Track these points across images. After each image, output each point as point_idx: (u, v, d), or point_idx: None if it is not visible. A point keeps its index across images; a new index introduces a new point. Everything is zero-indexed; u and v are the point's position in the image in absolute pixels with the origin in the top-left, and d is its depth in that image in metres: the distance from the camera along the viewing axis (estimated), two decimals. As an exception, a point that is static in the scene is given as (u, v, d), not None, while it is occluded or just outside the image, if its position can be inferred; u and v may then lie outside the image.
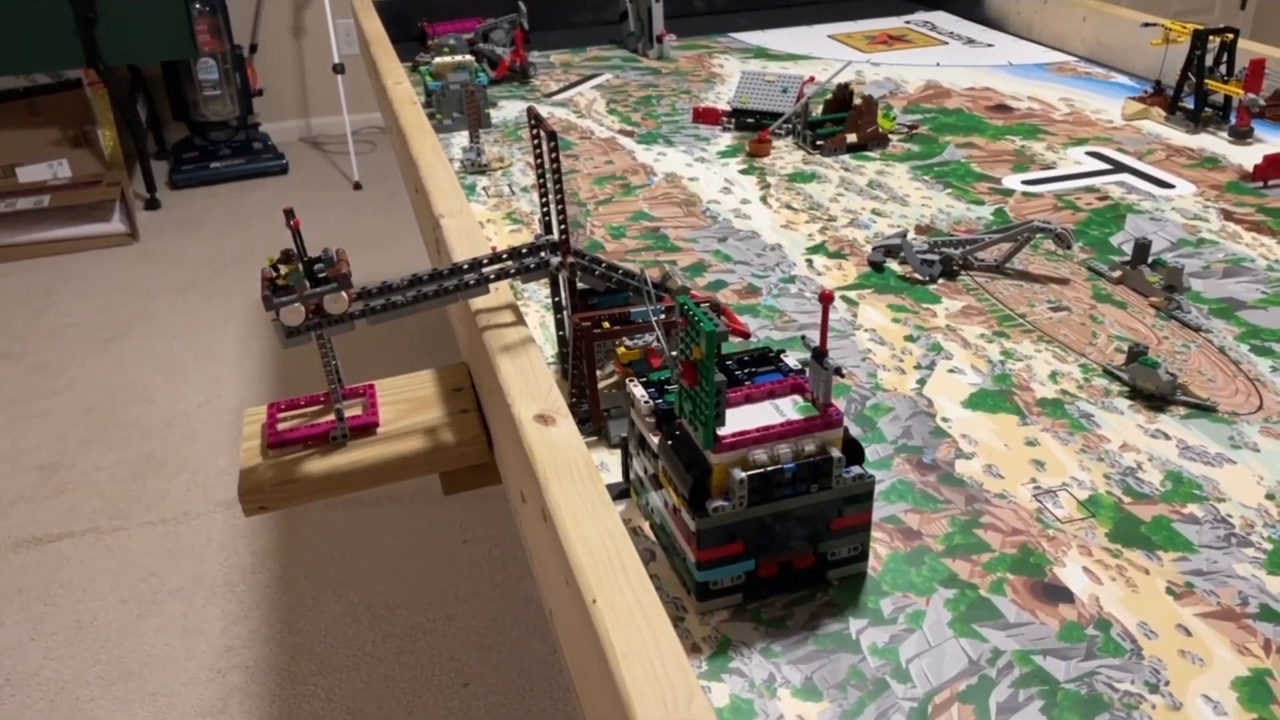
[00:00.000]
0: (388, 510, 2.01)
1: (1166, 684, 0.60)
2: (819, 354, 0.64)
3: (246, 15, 3.95)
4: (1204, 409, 0.85)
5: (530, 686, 1.61)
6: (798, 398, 0.66)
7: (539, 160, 0.85)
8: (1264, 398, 0.87)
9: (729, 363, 0.70)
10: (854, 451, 0.65)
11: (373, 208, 3.46)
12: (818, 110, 1.50)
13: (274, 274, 0.79)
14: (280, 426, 0.86)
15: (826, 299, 0.63)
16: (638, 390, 0.69)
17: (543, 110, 1.69)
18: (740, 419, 0.63)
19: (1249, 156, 1.36)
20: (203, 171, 3.75)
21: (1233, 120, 1.45)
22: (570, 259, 0.84)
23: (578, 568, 0.57)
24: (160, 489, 2.10)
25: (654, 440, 0.67)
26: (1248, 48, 1.49)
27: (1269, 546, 0.70)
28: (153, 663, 1.67)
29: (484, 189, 1.36)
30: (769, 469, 0.62)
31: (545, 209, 0.86)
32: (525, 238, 1.19)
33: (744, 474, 0.61)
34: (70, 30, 3.17)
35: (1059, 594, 0.67)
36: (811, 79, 1.58)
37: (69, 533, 1.97)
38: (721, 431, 0.62)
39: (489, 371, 0.80)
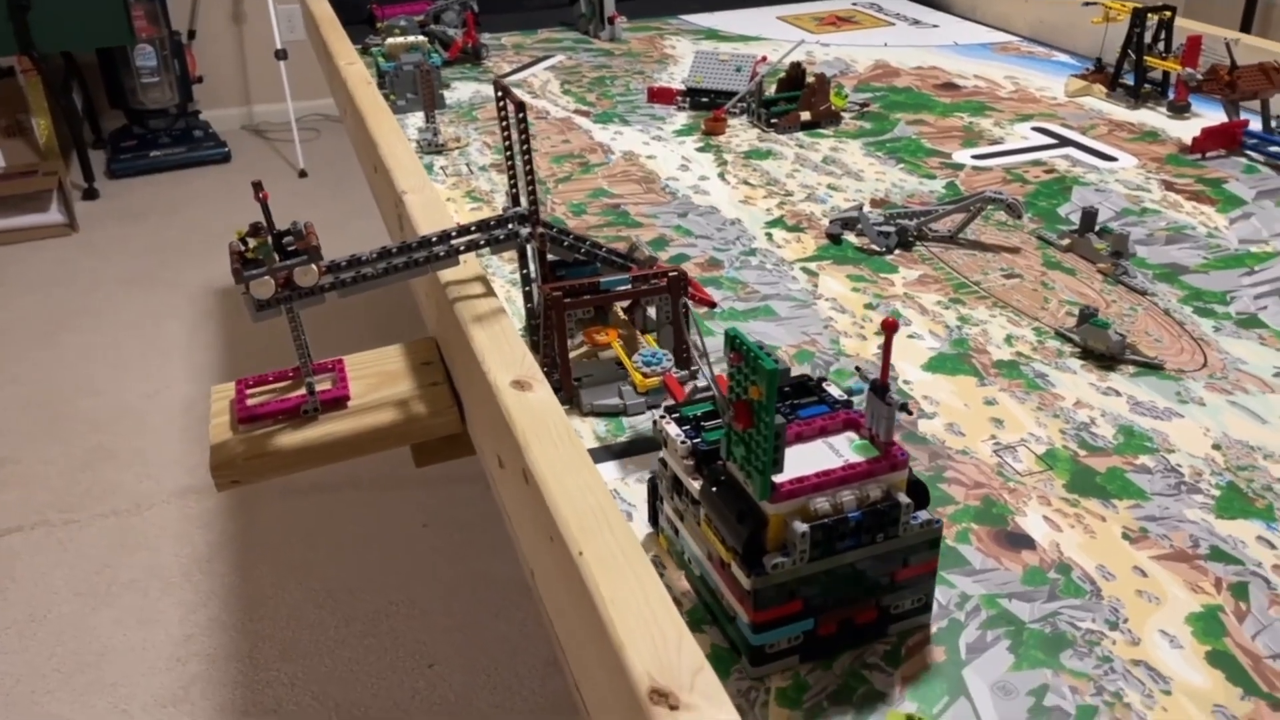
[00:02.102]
0: (346, 496, 2.00)
1: (1125, 621, 0.63)
2: (880, 388, 0.58)
3: (184, 0, 3.88)
4: (1152, 367, 0.88)
5: (495, 665, 1.62)
6: (853, 435, 0.60)
7: (506, 132, 0.86)
8: (1208, 356, 0.90)
9: None
10: (919, 494, 0.59)
11: (319, 195, 3.42)
12: (771, 89, 1.52)
13: (242, 247, 0.79)
14: (250, 402, 0.86)
15: (890, 327, 0.56)
16: (673, 429, 0.62)
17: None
18: (794, 462, 0.57)
19: (1187, 130, 1.41)
20: (142, 160, 3.67)
21: (1171, 95, 1.50)
22: (540, 230, 0.84)
23: (562, 523, 0.58)
24: (111, 481, 2.06)
25: (694, 485, 0.60)
26: (1184, 25, 1.54)
27: (1217, 493, 0.74)
28: (110, 654, 1.65)
29: (442, 168, 1.36)
30: (832, 519, 0.56)
31: (513, 181, 0.86)
32: (486, 215, 1.20)
33: (805, 526, 0.55)
34: (2, 17, 3.09)
35: (1021, 541, 0.70)
36: (764, 59, 1.59)
37: (18, 527, 1.93)
38: (777, 478, 0.55)
39: (462, 341, 0.81)
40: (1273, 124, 1.34)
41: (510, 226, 0.85)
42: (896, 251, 1.11)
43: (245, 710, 1.55)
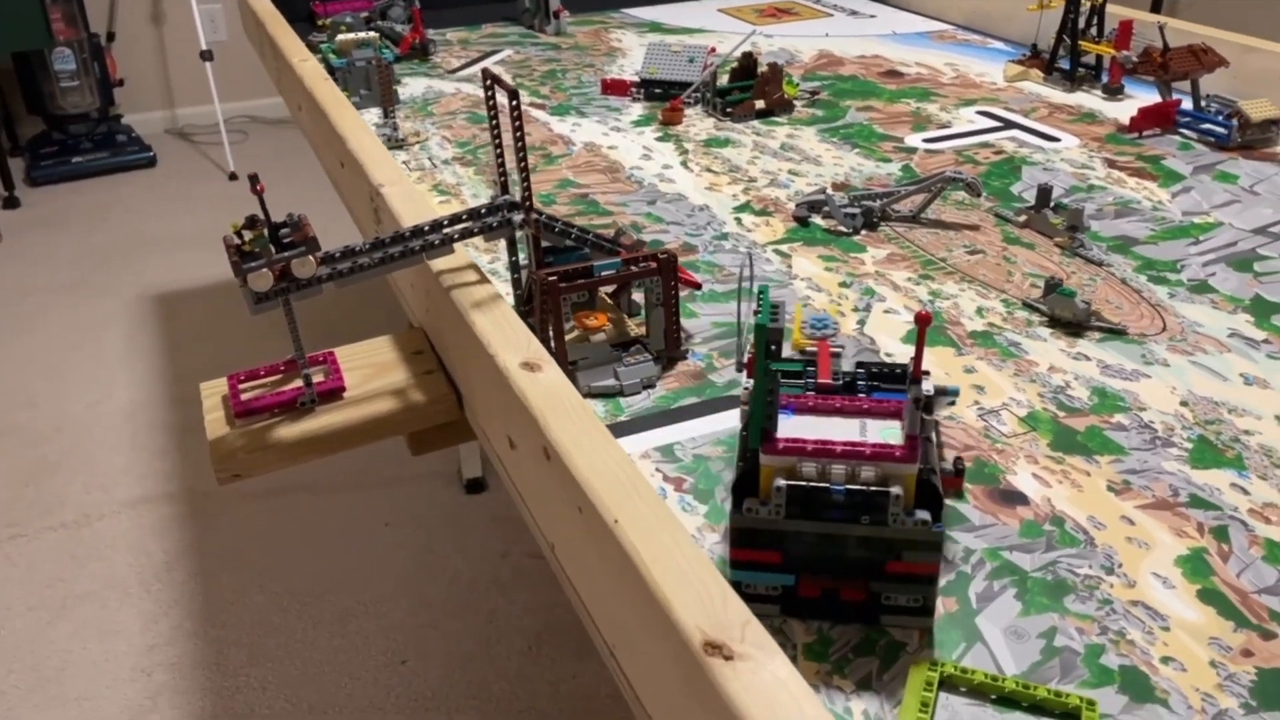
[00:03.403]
0: (303, 500, 1.98)
1: (1120, 566, 0.67)
2: (911, 379, 0.59)
3: (101, 1, 3.77)
4: (1116, 333, 0.93)
5: (469, 659, 1.63)
6: (893, 423, 0.62)
7: (494, 121, 0.87)
8: (1166, 320, 0.95)
9: (859, 370, 0.68)
10: (929, 496, 0.60)
11: (252, 198, 3.36)
12: (724, 79, 1.55)
13: (239, 240, 0.79)
14: (245, 396, 0.86)
15: (924, 320, 0.57)
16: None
17: (449, 86, 1.69)
18: (814, 428, 0.60)
19: (1123, 111, 1.48)
20: (64, 167, 3.57)
21: (1104, 79, 1.57)
22: (534, 216, 0.86)
23: (593, 493, 0.60)
24: (57, 493, 2.01)
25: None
26: (1115, 11, 1.61)
27: (1189, 446, 0.78)
28: (70, 668, 1.62)
29: (404, 163, 1.36)
30: (813, 484, 0.59)
31: (502, 169, 0.87)
32: (456, 209, 1.20)
33: (784, 483, 0.59)
34: (-89, 19, 2.98)
35: (1015, 498, 0.73)
36: (713, 49, 1.62)
37: (-38, 544, 1.88)
38: (782, 434, 0.59)
39: (462, 328, 0.82)
40: (1203, 102, 1.41)
41: (502, 214, 0.86)
42: (863, 232, 1.14)
43: (217, 717, 1.54)
